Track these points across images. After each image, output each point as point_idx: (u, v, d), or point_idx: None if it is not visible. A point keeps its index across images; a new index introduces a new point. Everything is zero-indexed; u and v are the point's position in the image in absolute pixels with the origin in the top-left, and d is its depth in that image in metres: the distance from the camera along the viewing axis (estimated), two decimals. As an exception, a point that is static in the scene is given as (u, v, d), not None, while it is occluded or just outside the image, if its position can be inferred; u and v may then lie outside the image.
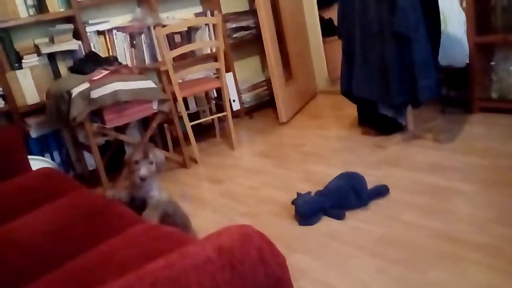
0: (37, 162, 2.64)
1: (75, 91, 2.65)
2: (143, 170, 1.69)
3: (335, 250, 1.87)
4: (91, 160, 3.22)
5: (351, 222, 2.06)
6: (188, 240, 1.20)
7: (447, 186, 2.18)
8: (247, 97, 4.10)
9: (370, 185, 2.23)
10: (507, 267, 1.55)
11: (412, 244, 1.80)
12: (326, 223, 2.09)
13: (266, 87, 4.20)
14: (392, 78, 2.59)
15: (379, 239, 1.88)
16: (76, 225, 1.46)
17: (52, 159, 3.14)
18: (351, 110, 3.53)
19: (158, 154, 1.81)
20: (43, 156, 3.07)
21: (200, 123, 3.73)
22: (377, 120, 2.96)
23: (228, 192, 2.66)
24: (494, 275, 1.53)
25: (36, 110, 3.05)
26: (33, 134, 3.01)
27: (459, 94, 3.11)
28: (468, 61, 2.93)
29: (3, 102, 2.93)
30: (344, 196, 2.15)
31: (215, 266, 0.72)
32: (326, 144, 3.07)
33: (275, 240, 2.06)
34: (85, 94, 2.64)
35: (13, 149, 2.17)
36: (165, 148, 3.41)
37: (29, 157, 2.65)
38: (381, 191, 2.23)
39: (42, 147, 3.10)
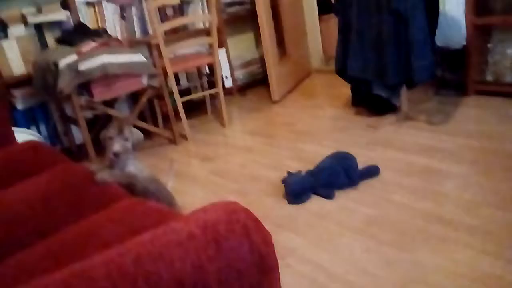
0: (22, 135, 2.57)
1: (63, 63, 2.57)
2: (116, 146, 1.65)
3: (324, 229, 1.85)
4: (79, 134, 3.16)
5: (341, 201, 2.04)
6: (174, 215, 1.16)
7: (438, 168, 2.16)
8: (240, 74, 4.03)
9: (361, 166, 2.20)
10: (496, 250, 1.54)
11: (401, 225, 1.79)
12: (316, 202, 2.07)
13: (259, 65, 4.14)
14: (387, 58, 2.54)
15: (368, 219, 1.87)
16: (61, 199, 1.42)
17: (39, 132, 3.08)
18: (345, 89, 3.49)
19: (134, 132, 1.76)
20: (30, 128, 3.01)
21: (191, 99, 3.67)
22: (371, 101, 2.93)
23: (218, 169, 2.62)
24: (482, 257, 1.52)
25: (23, 81, 2.97)
26: (20, 106, 2.94)
27: (454, 76, 3.08)
28: (464, 43, 2.89)
29: (-12, 72, 2.84)
30: (334, 176, 2.13)
31: (199, 242, 0.69)
32: (318, 123, 3.03)
33: (264, 218, 2.06)
34: (72, 66, 2.57)
35: (-3, 120, 2.11)
36: (155, 124, 3.36)
37: (14, 129, 2.59)
38: (372, 172, 2.21)
39: (28, 120, 3.03)
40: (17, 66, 2.95)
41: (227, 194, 2.30)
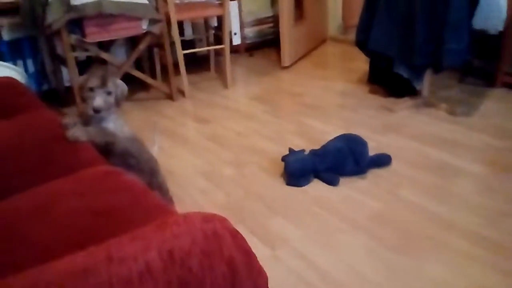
0: (3, 69, 2.32)
1: (53, -7, 2.28)
2: (98, 100, 1.40)
3: (321, 220, 1.65)
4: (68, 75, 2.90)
5: (345, 190, 1.83)
6: (147, 197, 0.95)
7: (455, 165, 1.94)
8: (250, 32, 3.73)
9: (371, 152, 1.98)
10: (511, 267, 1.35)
11: (409, 226, 1.59)
12: (316, 187, 1.86)
13: (272, 24, 3.82)
14: (417, 35, 2.26)
15: (373, 214, 1.67)
16: (22, 155, 1.20)
17: (25, 68, 2.81)
18: (361, 63, 3.21)
19: (119, 84, 1.50)
20: (16, 63, 2.75)
21: (195, 53, 3.39)
22: (390, 80, 2.66)
23: (214, 134, 2.40)
24: (496, 275, 1.33)
25: (12, 9, 2.67)
26: (5, 36, 2.66)
27: (483, 63, 2.80)
28: (502, 29, 2.60)
29: (-29, -6, 2.55)
30: (341, 160, 1.91)
31: (155, 283, 0.46)
32: (328, 97, 2.78)
33: (258, 198, 1.85)
34: (64, -1, 2.28)
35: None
36: (153, 75, 3.09)
37: (-8, 62, 2.34)
38: (383, 160, 1.99)
39: (14, 53, 2.76)
40: (6, -9, 2.65)
41: (220, 164, 2.09)
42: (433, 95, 2.63)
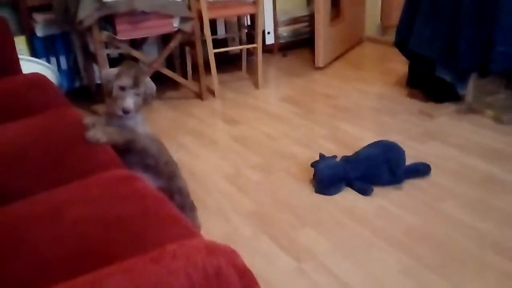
0: (35, 65, 2.32)
1: (86, -10, 2.26)
2: (129, 102, 1.33)
3: (353, 233, 1.54)
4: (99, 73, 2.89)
5: (379, 201, 1.71)
6: (162, 207, 0.87)
7: (503, 179, 1.78)
8: (284, 31, 3.63)
9: (408, 160, 1.85)
10: None
11: (449, 244, 1.45)
12: (348, 197, 1.75)
13: (307, 23, 3.70)
14: (463, 37, 2.11)
15: (408, 229, 1.54)
16: (40, 154, 1.15)
17: (58, 64, 2.82)
18: (400, 65, 3.06)
19: (149, 85, 1.44)
20: (49, 59, 2.76)
21: (227, 52, 3.32)
22: (430, 83, 2.50)
23: (242, 136, 2.32)
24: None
25: (47, 5, 2.68)
26: (39, 32, 2.68)
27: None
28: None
29: (9, -9, 2.57)
30: (375, 168, 1.78)
31: None
32: (363, 100, 2.65)
33: (285, 205, 1.76)
34: (96, -5, 2.26)
35: (-1, 45, 1.84)
36: (184, 74, 3.04)
37: (24, 57, 2.35)
38: (421, 170, 1.85)
39: (48, 49, 2.77)
40: (41, -13, 2.67)
41: (247, 168, 2.00)
42: (477, 101, 2.45)
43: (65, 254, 0.73)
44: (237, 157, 2.11)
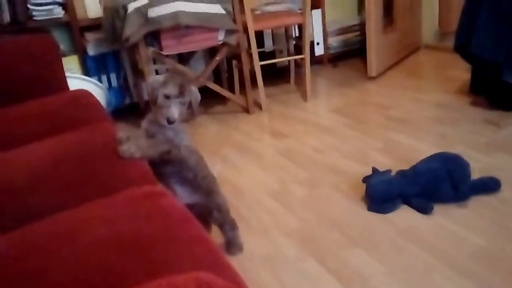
0: (82, 83, 2.36)
1: (132, 7, 2.29)
2: (175, 111, 1.27)
3: (409, 255, 1.38)
4: (149, 89, 2.91)
5: (440, 220, 1.53)
6: (186, 227, 0.78)
7: None
8: (334, 41, 3.50)
9: (474, 175, 1.65)
10: None
11: (527, 273, 1.25)
12: (405, 215, 1.58)
13: (358, 33, 3.56)
14: (534, 34, 1.89)
15: (475, 252, 1.35)
16: (70, 170, 1.12)
17: (109, 82, 2.88)
18: (461, 72, 2.83)
19: (195, 94, 1.37)
20: (100, 77, 2.82)
21: (275, 65, 3.25)
22: (496, 90, 2.27)
23: (289, 150, 2.21)
24: None
25: (97, 25, 2.75)
26: (91, 51, 2.74)
27: None
28: None
29: (62, 12, 2.66)
30: (435, 183, 1.61)
31: None
32: (420, 110, 2.45)
33: (333, 224, 1.62)
34: (142, 11, 2.27)
35: (47, 63, 1.88)
36: (231, 88, 3.00)
37: (72, 75, 2.40)
38: (489, 185, 1.64)
39: (99, 67, 2.84)
40: (93, 7, 2.74)
41: (293, 183, 1.89)
42: (553, 108, 2.19)
43: (74, 279, 0.66)
44: (283, 172, 2.00)
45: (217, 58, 2.59)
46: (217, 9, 2.44)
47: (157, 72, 2.96)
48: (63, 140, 1.29)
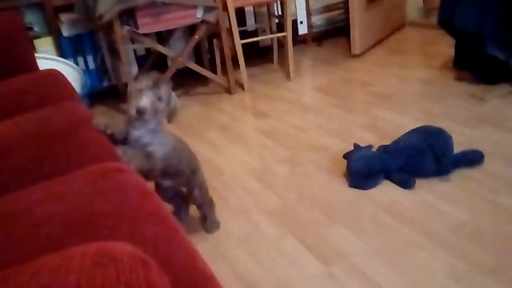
0: (55, 64, 2.27)
1: (104, -17, 2.19)
2: (145, 100, 1.17)
3: (391, 231, 1.34)
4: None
5: (422, 194, 1.49)
6: (143, 204, 0.73)
7: None
8: (318, 19, 3.43)
9: (457, 148, 1.61)
10: None
11: (507, 243, 1.22)
12: (386, 191, 1.54)
13: (343, 10, 3.49)
14: (517, 4, 1.84)
15: (459, 227, 1.32)
16: (31, 148, 1.05)
17: (86, 64, 2.79)
18: (446, 48, 2.78)
19: (173, 95, 1.28)
20: (76, 59, 2.73)
21: (258, 44, 3.18)
22: (480, 64, 2.23)
23: (271, 129, 2.16)
24: None
25: (72, 4, 2.64)
26: (65, 32, 2.64)
27: None
28: None
29: (34, -8, 2.55)
30: (418, 157, 1.57)
31: None
32: (404, 86, 2.41)
33: (314, 202, 1.58)
34: (115, -12, 2.18)
35: (14, 41, 1.79)
36: (213, 69, 2.93)
37: (45, 56, 2.31)
38: (472, 158, 1.61)
39: (75, 49, 2.74)
40: (66, -13, 2.63)
41: (274, 162, 1.84)
42: (538, 80, 2.16)
43: (20, 256, 0.60)
44: (265, 151, 1.95)
45: (196, 36, 2.51)
46: (194, -15, 2.35)
47: (134, 52, 2.88)
48: (25, 118, 1.22)
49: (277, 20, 3.16)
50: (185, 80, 2.92)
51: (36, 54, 2.00)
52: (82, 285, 0.27)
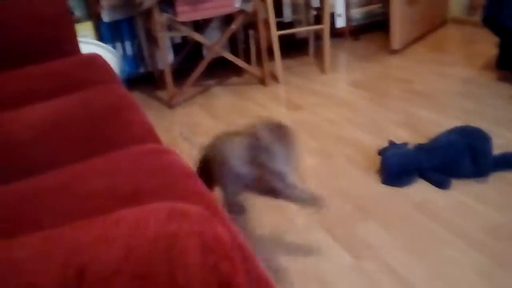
0: (95, 48, 2.33)
1: (146, -30, 2.23)
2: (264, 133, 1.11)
3: (423, 228, 1.32)
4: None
5: (457, 195, 1.46)
6: (186, 181, 0.75)
7: None
8: (356, 13, 3.38)
9: (496, 150, 1.57)
10: None
11: (548, 251, 1.19)
12: (420, 189, 1.52)
13: (382, 4, 3.42)
14: None
15: (492, 228, 1.29)
16: (74, 128, 1.09)
17: (124, 50, 2.85)
18: (490, 47, 2.69)
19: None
20: (114, 45, 2.79)
21: (294, 36, 3.16)
22: (526, 64, 2.15)
23: (303, 121, 2.15)
24: None
25: (113, -10, 2.70)
26: (105, 17, 2.71)
27: None
28: None
29: (77, -23, 2.62)
30: (454, 157, 1.53)
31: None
32: (443, 84, 2.35)
33: (344, 195, 1.58)
34: (156, -25, 2.21)
35: (59, 26, 1.84)
36: (248, 60, 2.93)
37: (85, 40, 2.37)
38: (511, 161, 1.56)
39: (113, 34, 2.80)
40: (109, -27, 2.69)
41: (304, 153, 1.84)
42: None
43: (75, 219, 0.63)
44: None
45: (233, 26, 2.52)
46: (234, -26, 2.36)
47: (171, 40, 2.92)
48: (69, 99, 1.26)
49: (314, 12, 3.13)
50: (220, 70, 2.95)
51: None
52: (160, 234, 0.29)
